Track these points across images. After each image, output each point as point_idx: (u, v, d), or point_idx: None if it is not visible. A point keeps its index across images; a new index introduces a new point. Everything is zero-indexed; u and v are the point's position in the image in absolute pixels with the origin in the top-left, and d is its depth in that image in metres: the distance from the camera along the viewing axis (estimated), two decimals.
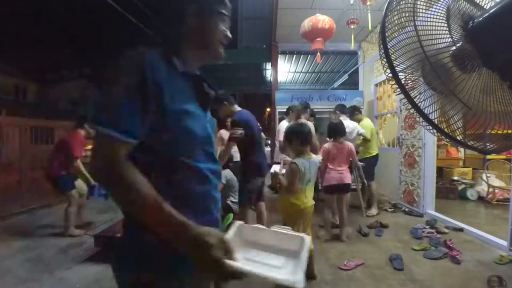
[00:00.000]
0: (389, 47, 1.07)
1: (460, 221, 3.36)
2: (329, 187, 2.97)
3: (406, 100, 1.06)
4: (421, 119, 1.05)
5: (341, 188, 2.96)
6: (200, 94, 0.76)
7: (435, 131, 1.05)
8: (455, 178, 5.04)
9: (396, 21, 1.09)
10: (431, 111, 1.04)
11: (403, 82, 1.08)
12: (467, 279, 2.13)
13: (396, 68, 1.07)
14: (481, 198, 4.60)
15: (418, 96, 1.08)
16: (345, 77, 7.94)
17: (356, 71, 6.37)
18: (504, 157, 4.62)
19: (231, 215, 2.45)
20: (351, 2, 3.74)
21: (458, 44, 1.07)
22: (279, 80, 6.82)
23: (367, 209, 3.83)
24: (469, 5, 1.11)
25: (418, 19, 1.08)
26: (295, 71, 8.24)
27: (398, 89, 1.08)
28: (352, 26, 3.89)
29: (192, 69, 0.77)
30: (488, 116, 1.03)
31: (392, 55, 1.07)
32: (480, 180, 4.78)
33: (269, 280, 0.59)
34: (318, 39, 3.69)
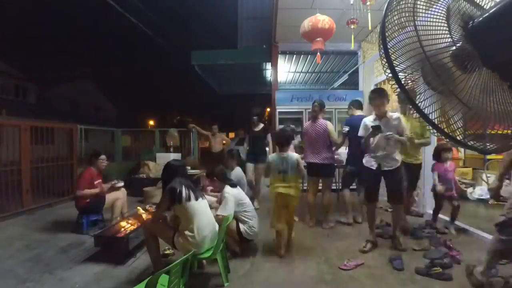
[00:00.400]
0: (389, 47, 1.07)
1: (460, 221, 3.35)
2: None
3: (406, 100, 1.06)
4: (421, 119, 1.05)
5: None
6: None
7: (435, 131, 1.05)
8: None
9: (396, 21, 1.09)
10: (431, 111, 1.04)
11: (403, 82, 1.08)
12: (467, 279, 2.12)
13: (396, 68, 1.07)
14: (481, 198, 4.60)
15: (418, 96, 1.08)
16: (345, 77, 7.92)
17: (356, 71, 6.36)
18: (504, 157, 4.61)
19: (231, 215, 2.45)
20: (351, 2, 3.73)
21: (458, 44, 1.07)
22: (279, 80, 6.81)
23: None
24: (469, 5, 1.11)
25: (418, 19, 1.08)
26: (295, 71, 8.23)
27: (398, 89, 1.08)
28: (352, 26, 3.89)
29: None
30: (488, 116, 1.03)
31: (392, 55, 1.07)
32: (480, 180, 4.77)
33: None
34: (318, 39, 3.68)
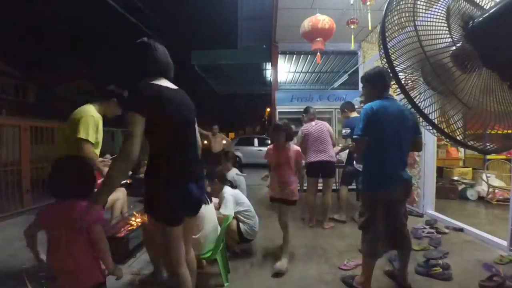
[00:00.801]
0: (389, 47, 1.07)
1: (460, 221, 3.35)
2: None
3: (406, 100, 1.06)
4: (421, 119, 1.05)
5: None
6: None
7: (435, 131, 1.05)
8: (455, 178, 5.03)
9: (396, 21, 1.09)
10: (431, 111, 1.04)
11: (403, 82, 1.08)
12: (467, 279, 2.13)
13: (396, 68, 1.07)
14: (481, 198, 4.60)
15: (418, 96, 1.08)
16: (345, 77, 7.92)
17: (356, 71, 6.36)
18: (504, 157, 4.62)
19: (231, 215, 2.45)
20: (351, 2, 3.73)
21: (458, 44, 1.07)
22: (279, 80, 6.81)
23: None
24: (469, 5, 1.11)
25: (418, 19, 1.08)
26: (295, 71, 8.23)
27: (398, 89, 1.08)
28: (352, 26, 3.88)
29: None
30: (488, 116, 1.03)
31: (392, 55, 1.07)
32: (480, 180, 4.78)
33: None
34: (318, 39, 3.68)
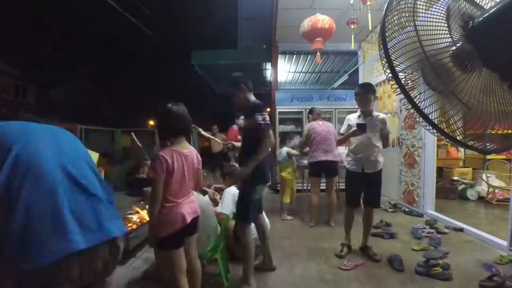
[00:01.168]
0: (389, 47, 1.07)
1: (460, 221, 3.35)
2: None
3: (406, 100, 1.06)
4: (421, 119, 1.05)
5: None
6: None
7: (435, 131, 1.05)
8: (455, 178, 5.03)
9: (396, 21, 1.09)
10: (431, 111, 1.04)
11: (403, 82, 1.08)
12: (467, 279, 2.13)
13: (396, 68, 1.07)
14: (481, 198, 4.60)
15: (418, 96, 1.07)
16: (345, 77, 7.92)
17: (356, 71, 6.36)
18: (504, 157, 4.62)
19: (231, 215, 2.44)
20: (351, 2, 3.73)
21: (458, 44, 1.06)
22: (279, 80, 6.81)
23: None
24: (469, 5, 1.11)
25: (418, 19, 1.08)
26: (295, 71, 8.22)
27: (398, 89, 1.08)
28: (352, 26, 3.88)
29: None
30: (488, 116, 1.03)
31: (392, 55, 1.07)
32: (480, 180, 4.78)
33: None
34: (318, 39, 3.67)
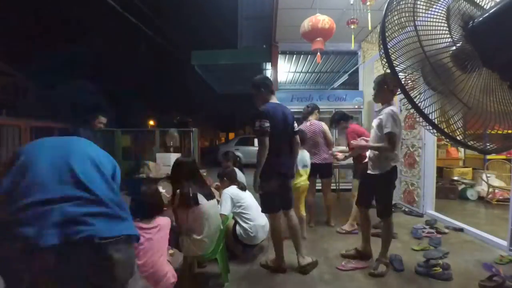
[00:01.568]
0: (389, 47, 1.07)
1: (460, 221, 3.35)
2: None
3: (406, 100, 1.06)
4: (421, 119, 1.05)
5: None
6: None
7: (435, 131, 1.05)
8: (455, 178, 5.03)
9: (396, 21, 1.09)
10: (431, 111, 1.04)
11: (403, 82, 1.08)
12: (467, 279, 2.13)
13: (396, 68, 1.07)
14: (481, 198, 4.60)
15: (418, 96, 1.08)
16: (345, 77, 7.91)
17: (356, 71, 6.36)
18: (504, 157, 4.62)
19: (231, 215, 2.45)
20: (351, 2, 3.73)
21: (458, 44, 1.07)
22: (279, 80, 6.81)
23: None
24: (469, 5, 1.11)
25: (418, 19, 1.08)
26: (295, 71, 8.22)
27: (398, 89, 1.08)
28: (352, 26, 3.88)
29: None
30: (488, 116, 1.03)
31: (392, 55, 1.07)
32: (480, 180, 4.78)
33: None
34: (318, 39, 3.68)
